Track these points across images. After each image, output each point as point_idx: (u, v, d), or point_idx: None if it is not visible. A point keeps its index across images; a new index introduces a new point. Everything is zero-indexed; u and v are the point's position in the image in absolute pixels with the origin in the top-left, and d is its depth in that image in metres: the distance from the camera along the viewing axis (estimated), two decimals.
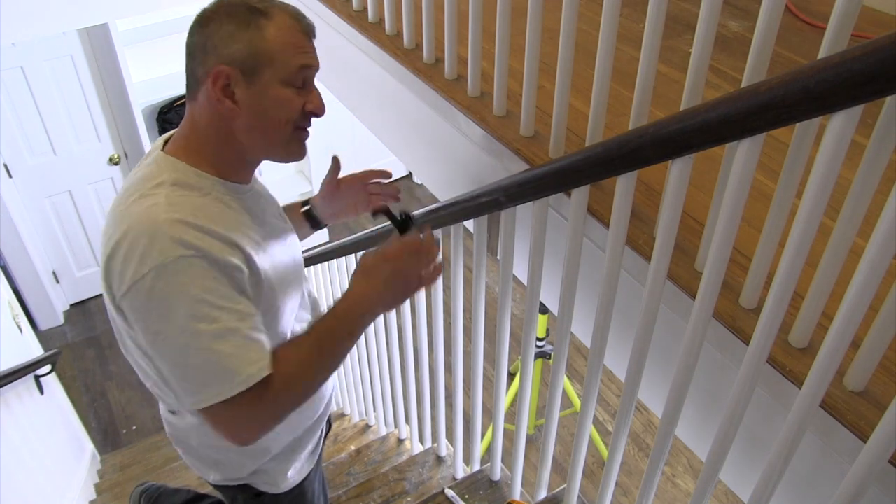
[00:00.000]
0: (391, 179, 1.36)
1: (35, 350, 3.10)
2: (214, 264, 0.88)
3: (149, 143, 4.04)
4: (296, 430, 1.25)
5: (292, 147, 1.00)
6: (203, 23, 0.94)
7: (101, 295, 1.06)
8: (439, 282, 1.74)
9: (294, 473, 1.29)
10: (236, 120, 0.95)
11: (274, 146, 0.99)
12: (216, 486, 1.31)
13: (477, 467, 1.98)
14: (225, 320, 0.87)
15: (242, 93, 0.93)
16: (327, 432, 1.45)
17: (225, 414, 0.90)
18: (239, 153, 0.99)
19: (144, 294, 0.85)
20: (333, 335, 0.97)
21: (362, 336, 2.37)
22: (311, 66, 0.97)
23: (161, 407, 1.20)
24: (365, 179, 1.33)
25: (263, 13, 0.93)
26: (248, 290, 0.94)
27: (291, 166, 4.79)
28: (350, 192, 1.33)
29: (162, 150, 0.99)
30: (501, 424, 1.74)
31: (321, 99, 1.00)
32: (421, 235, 1.02)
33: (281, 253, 1.07)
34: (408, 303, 1.92)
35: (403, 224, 1.07)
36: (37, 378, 2.75)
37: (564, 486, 1.60)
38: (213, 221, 0.91)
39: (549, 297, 1.35)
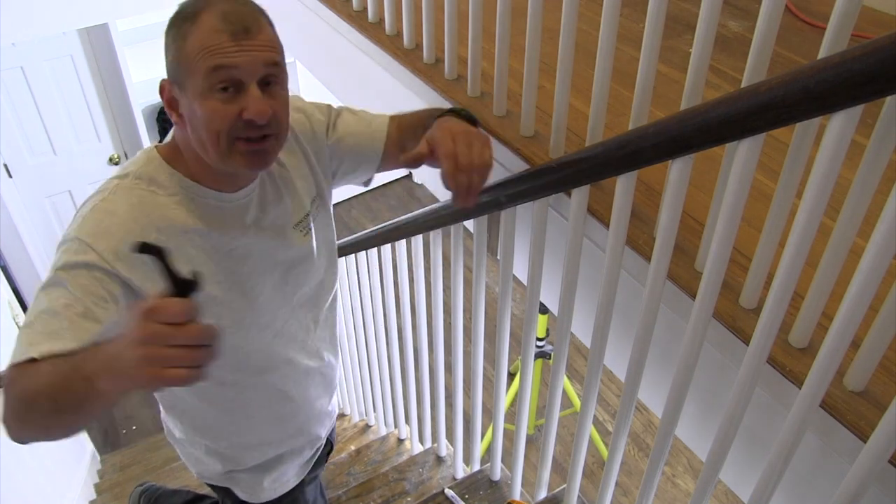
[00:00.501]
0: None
1: None
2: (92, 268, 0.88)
3: (149, 142, 4.04)
4: (264, 454, 1.26)
5: (234, 160, 0.90)
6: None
7: None
8: (439, 282, 1.75)
9: (274, 485, 1.30)
10: (185, 133, 0.93)
11: (217, 160, 0.91)
12: (209, 486, 1.32)
13: (477, 467, 1.98)
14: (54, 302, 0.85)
15: (182, 106, 0.90)
16: (329, 451, 1.45)
17: None
18: (205, 163, 0.94)
19: None
20: (68, 379, 0.76)
21: (362, 336, 2.38)
22: (231, 67, 0.85)
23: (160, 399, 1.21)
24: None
25: (193, 17, 0.86)
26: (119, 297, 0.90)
27: None
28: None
29: (156, 147, 0.99)
30: (501, 424, 1.74)
31: (259, 102, 0.87)
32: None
33: (258, 265, 1.04)
34: (407, 303, 1.93)
35: (181, 287, 0.69)
36: None
37: (564, 486, 1.60)
38: (127, 226, 0.91)
39: (549, 297, 1.35)
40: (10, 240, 3.67)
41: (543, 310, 2.67)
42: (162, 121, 4.08)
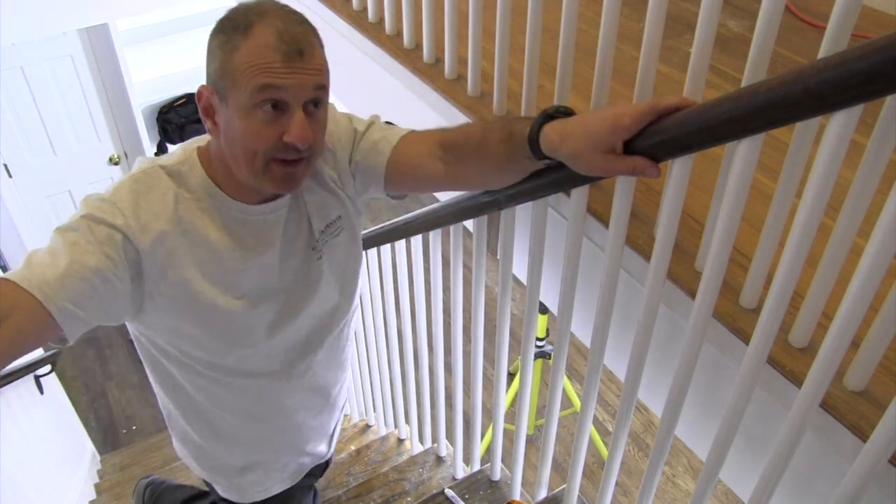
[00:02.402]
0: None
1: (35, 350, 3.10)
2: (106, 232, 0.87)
3: (149, 143, 4.04)
4: (245, 456, 1.24)
5: (266, 181, 0.89)
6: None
7: None
8: (439, 282, 1.75)
9: (254, 487, 1.29)
10: (219, 142, 0.92)
11: (248, 176, 0.90)
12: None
13: (477, 467, 1.98)
14: (62, 254, 0.84)
15: (220, 116, 0.89)
16: (325, 467, 1.44)
17: None
18: (232, 173, 0.93)
19: None
20: None
21: (362, 336, 2.38)
22: (280, 88, 0.83)
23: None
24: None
25: (245, 28, 0.83)
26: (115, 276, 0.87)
27: None
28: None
29: (197, 147, 0.97)
30: (501, 424, 1.74)
31: (303, 128, 0.85)
32: None
33: (266, 282, 1.01)
34: (407, 303, 1.92)
35: None
36: (37, 378, 2.75)
37: (564, 486, 1.60)
38: (157, 208, 0.90)
39: (549, 296, 1.35)
40: (10, 240, 3.68)
41: (543, 310, 2.67)
42: (162, 121, 4.08)
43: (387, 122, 1.12)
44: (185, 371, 1.06)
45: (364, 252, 2.05)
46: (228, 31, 0.85)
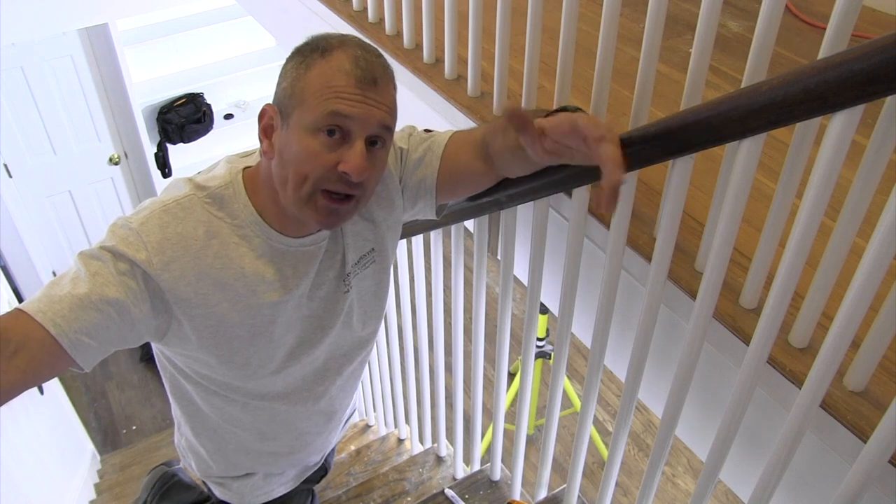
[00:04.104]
0: None
1: None
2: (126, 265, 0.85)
3: (149, 143, 4.04)
4: (248, 467, 1.24)
5: (308, 211, 0.85)
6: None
7: None
8: (440, 282, 1.75)
9: (254, 492, 1.29)
10: (270, 164, 0.88)
11: (293, 203, 0.86)
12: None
13: (477, 467, 1.98)
14: (83, 282, 0.82)
15: (278, 135, 0.86)
16: (323, 475, 1.43)
17: None
18: (278, 201, 0.89)
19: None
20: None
21: None
22: (347, 116, 0.81)
23: None
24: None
25: (324, 51, 0.82)
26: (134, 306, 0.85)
27: None
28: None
29: (244, 168, 0.93)
30: (501, 424, 1.74)
31: (362, 161, 0.82)
32: None
33: (290, 314, 0.98)
34: (408, 303, 1.93)
35: None
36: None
37: (564, 486, 1.60)
38: (187, 242, 0.87)
39: (550, 297, 1.35)
40: (10, 240, 3.68)
41: (543, 310, 2.67)
42: (162, 121, 4.08)
43: (425, 130, 1.10)
44: (199, 389, 1.05)
45: None
46: (306, 52, 0.84)
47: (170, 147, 4.15)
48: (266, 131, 0.88)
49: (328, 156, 0.82)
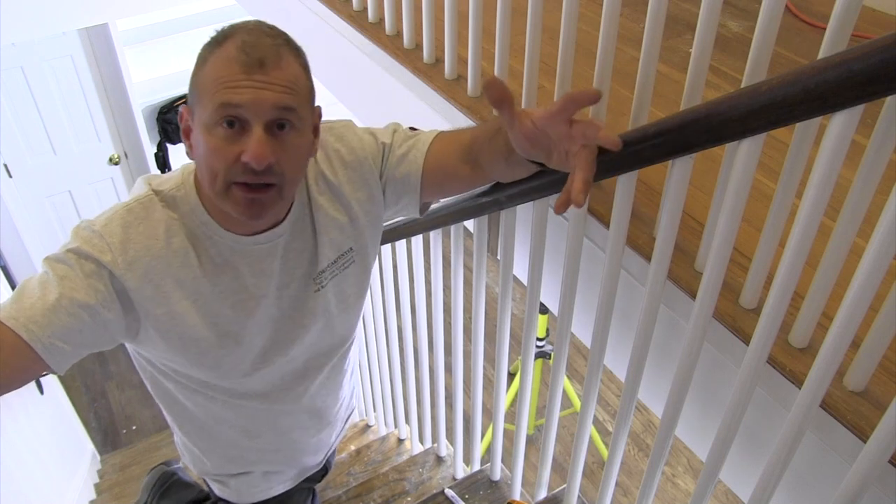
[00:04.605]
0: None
1: None
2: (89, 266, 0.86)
3: (149, 143, 4.04)
4: (242, 465, 1.24)
5: (228, 205, 0.84)
6: None
7: None
8: (439, 282, 1.75)
9: (252, 490, 1.29)
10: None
11: (216, 200, 0.85)
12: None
13: (477, 467, 1.98)
14: (52, 287, 0.83)
15: (193, 135, 0.85)
16: (324, 474, 1.44)
17: None
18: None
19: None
20: None
21: (362, 336, 2.38)
22: (237, 105, 0.78)
23: None
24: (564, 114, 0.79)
25: (216, 43, 0.81)
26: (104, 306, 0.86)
27: None
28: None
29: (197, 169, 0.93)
30: (501, 424, 1.74)
31: (260, 147, 0.79)
32: None
33: (258, 314, 0.98)
34: (407, 303, 1.93)
35: None
36: (37, 378, 2.74)
37: (564, 486, 1.60)
38: (149, 242, 0.88)
39: (550, 297, 1.35)
40: (10, 240, 3.68)
41: (543, 310, 2.67)
42: (162, 121, 4.08)
43: (410, 129, 1.08)
44: (180, 388, 1.06)
45: None
46: (206, 46, 0.83)
47: (170, 147, 4.15)
48: (186, 133, 0.88)
49: (230, 148, 0.80)
